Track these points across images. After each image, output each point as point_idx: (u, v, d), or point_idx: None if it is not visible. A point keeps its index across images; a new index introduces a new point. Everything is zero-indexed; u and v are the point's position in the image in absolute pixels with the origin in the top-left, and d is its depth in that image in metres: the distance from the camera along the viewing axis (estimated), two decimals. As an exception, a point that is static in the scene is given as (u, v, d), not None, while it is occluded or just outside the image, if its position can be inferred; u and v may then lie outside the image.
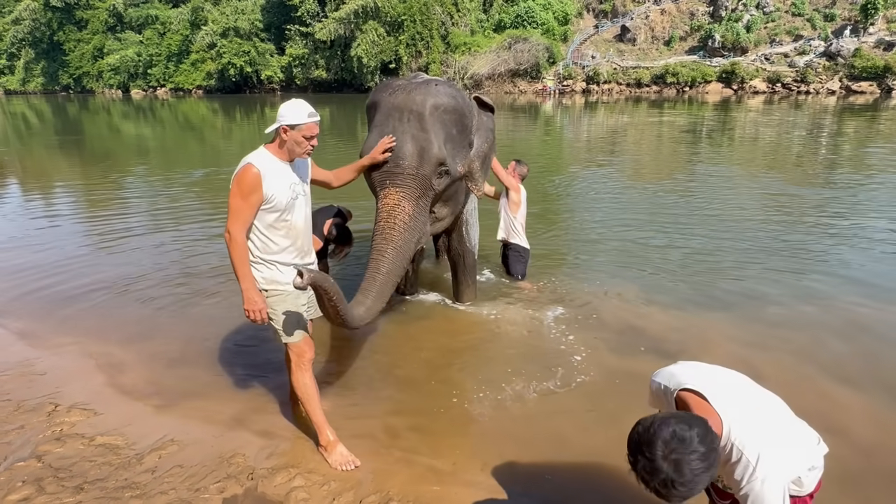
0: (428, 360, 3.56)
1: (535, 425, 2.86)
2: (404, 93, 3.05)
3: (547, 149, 13.95)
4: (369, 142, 3.05)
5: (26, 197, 8.99)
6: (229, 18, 42.35)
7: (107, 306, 4.42)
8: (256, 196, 2.31)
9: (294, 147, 2.36)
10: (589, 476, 2.50)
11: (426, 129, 2.99)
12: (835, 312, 4.04)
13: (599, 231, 6.26)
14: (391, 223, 2.88)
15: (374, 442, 2.72)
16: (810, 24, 34.14)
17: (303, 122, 2.31)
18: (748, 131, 16.04)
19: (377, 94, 3.21)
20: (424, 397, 3.13)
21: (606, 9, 39.76)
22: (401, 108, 3.01)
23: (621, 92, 35.14)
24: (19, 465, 2.52)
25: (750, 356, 3.40)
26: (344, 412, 2.92)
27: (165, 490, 2.36)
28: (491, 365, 3.48)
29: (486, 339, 3.85)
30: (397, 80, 3.27)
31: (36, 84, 56.16)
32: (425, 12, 36.64)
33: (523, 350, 3.64)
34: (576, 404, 3.02)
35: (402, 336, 3.88)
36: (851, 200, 7.32)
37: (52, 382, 3.27)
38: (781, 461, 1.43)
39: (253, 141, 17.19)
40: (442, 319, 4.12)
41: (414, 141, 2.97)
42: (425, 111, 3.00)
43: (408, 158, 2.95)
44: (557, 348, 3.61)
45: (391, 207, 2.91)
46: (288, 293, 2.47)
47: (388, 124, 3.01)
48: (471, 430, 2.87)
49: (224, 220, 2.40)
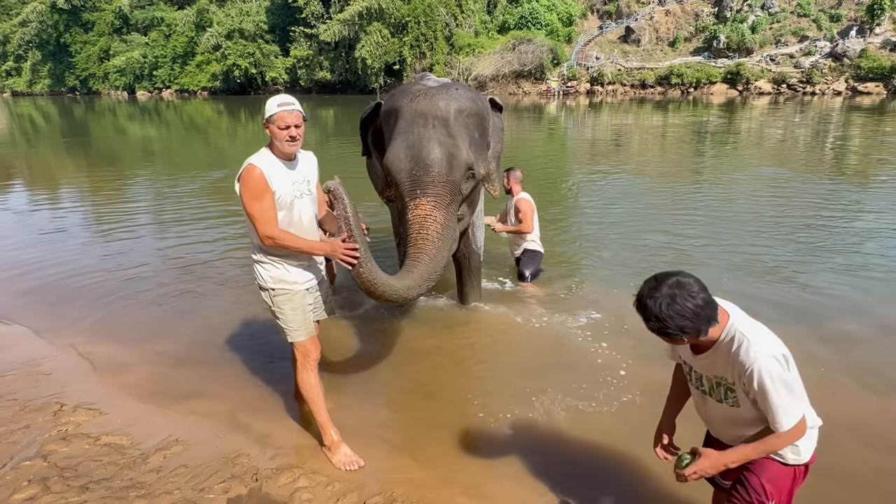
0: (441, 364, 3.55)
1: (557, 440, 2.79)
2: (426, 98, 2.99)
3: (551, 149, 13.93)
4: (394, 150, 2.96)
5: (32, 197, 9.04)
6: (234, 20, 42.50)
7: (112, 306, 4.44)
8: (268, 193, 2.30)
9: (276, 141, 2.33)
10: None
11: (452, 134, 2.96)
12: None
13: (619, 231, 6.21)
14: (424, 234, 2.82)
15: (378, 444, 2.72)
16: (816, 24, 33.97)
17: (273, 112, 2.30)
18: (771, 131, 15.97)
19: (396, 101, 3.11)
20: (436, 402, 3.12)
21: (611, 10, 39.67)
22: (424, 113, 2.95)
23: (625, 93, 35.07)
24: (25, 465, 2.53)
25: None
26: (349, 412, 2.92)
27: (170, 490, 2.36)
28: (511, 371, 3.45)
29: (509, 342, 3.78)
30: (413, 84, 3.21)
31: (42, 86, 56.50)
32: (429, 14, 36.65)
33: (550, 359, 3.54)
34: (615, 426, 2.82)
35: (418, 339, 3.86)
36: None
37: (57, 382, 3.28)
38: (780, 343, 1.54)
39: (258, 142, 17.18)
40: (461, 323, 4.08)
41: (442, 147, 2.92)
42: (450, 116, 2.97)
43: (437, 166, 2.89)
44: (592, 360, 3.45)
45: (423, 218, 2.85)
46: (294, 292, 2.48)
47: (412, 131, 2.94)
48: (481, 436, 2.85)
49: (230, 222, 2.40)
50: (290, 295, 2.47)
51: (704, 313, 1.49)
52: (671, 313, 1.47)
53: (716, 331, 1.55)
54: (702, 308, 1.48)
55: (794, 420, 1.51)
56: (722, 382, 1.61)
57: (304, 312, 2.52)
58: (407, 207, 2.92)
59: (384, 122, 3.22)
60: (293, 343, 2.54)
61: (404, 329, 3.99)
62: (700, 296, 1.49)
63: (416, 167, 2.89)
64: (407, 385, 3.31)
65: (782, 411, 1.49)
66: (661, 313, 1.48)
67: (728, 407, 1.63)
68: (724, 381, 1.60)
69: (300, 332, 2.51)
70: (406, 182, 2.91)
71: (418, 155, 2.90)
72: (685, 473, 1.61)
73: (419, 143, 2.92)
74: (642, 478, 2.45)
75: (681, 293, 1.48)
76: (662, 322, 1.49)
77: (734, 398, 1.60)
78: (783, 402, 1.49)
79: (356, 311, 4.24)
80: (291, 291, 2.47)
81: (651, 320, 1.52)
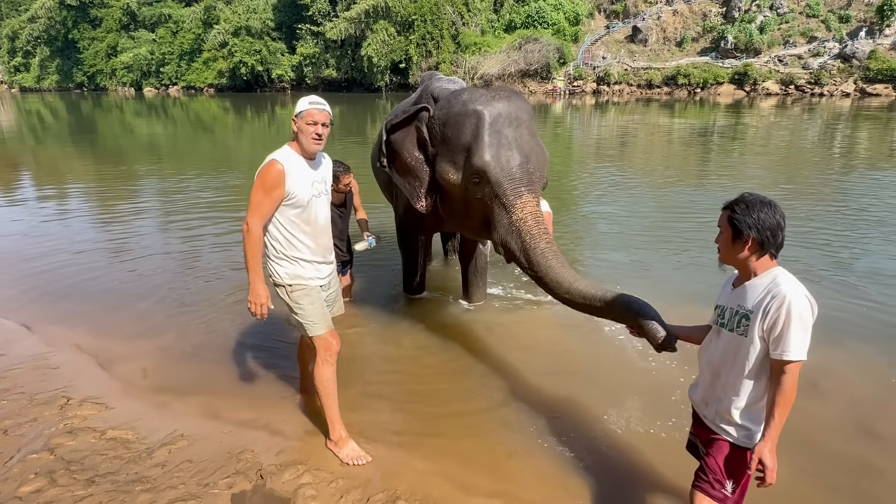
0: (445, 361, 3.56)
1: (562, 438, 2.80)
2: (501, 101, 3.06)
3: (557, 149, 13.90)
4: (492, 151, 2.94)
5: (40, 194, 9.10)
6: (241, 17, 42.59)
7: (119, 302, 4.47)
8: (279, 192, 2.35)
9: (302, 137, 2.39)
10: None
11: (534, 133, 3.12)
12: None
13: (619, 232, 6.21)
14: (543, 227, 2.87)
15: (382, 441, 2.73)
16: (825, 25, 33.72)
17: (304, 109, 2.38)
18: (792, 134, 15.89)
19: (462, 106, 3.08)
20: (440, 399, 3.13)
21: (618, 9, 39.51)
22: (509, 116, 3.03)
23: (632, 93, 34.93)
24: (32, 458, 2.55)
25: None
26: (353, 410, 2.91)
27: (175, 485, 2.38)
28: (517, 369, 3.45)
29: (514, 341, 3.76)
30: (472, 90, 3.19)
31: (51, 82, 56.76)
32: (436, 12, 36.61)
33: (556, 358, 3.53)
34: (628, 425, 2.78)
35: (422, 337, 3.86)
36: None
37: (64, 376, 3.31)
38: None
39: (263, 139, 17.30)
40: (466, 321, 4.09)
41: (539, 147, 3.08)
42: (530, 118, 3.12)
43: (536, 164, 3.01)
44: (600, 358, 3.45)
45: (537, 214, 2.91)
46: (311, 287, 2.52)
47: (503, 133, 3.00)
48: (485, 433, 2.86)
49: (237, 219, 2.42)
50: (307, 290, 2.50)
51: (764, 231, 1.66)
52: (752, 213, 1.66)
53: (768, 264, 1.70)
54: (765, 227, 1.66)
55: (801, 354, 1.60)
56: (740, 311, 1.73)
57: (322, 306, 2.56)
58: (512, 207, 2.91)
59: (445, 128, 3.16)
60: (313, 337, 2.54)
61: (408, 327, 3.99)
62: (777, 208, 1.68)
63: (519, 167, 2.94)
64: (410, 383, 3.31)
65: (796, 342, 1.60)
66: (750, 208, 1.66)
67: (736, 336, 1.74)
68: (744, 308, 1.71)
69: (320, 325, 2.53)
70: (507, 181, 2.93)
71: (519, 155, 2.96)
72: (767, 480, 1.66)
73: (517, 144, 2.99)
74: (646, 462, 2.45)
75: (767, 205, 1.67)
76: (761, 222, 1.65)
77: (746, 326, 1.70)
78: (798, 336, 1.60)
79: (361, 310, 4.25)
80: (308, 286, 2.51)
81: (736, 205, 1.70)
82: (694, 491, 1.85)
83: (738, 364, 1.73)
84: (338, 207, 3.83)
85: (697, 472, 1.88)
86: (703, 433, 1.89)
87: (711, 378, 1.84)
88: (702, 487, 1.82)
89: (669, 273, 4.84)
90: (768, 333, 1.64)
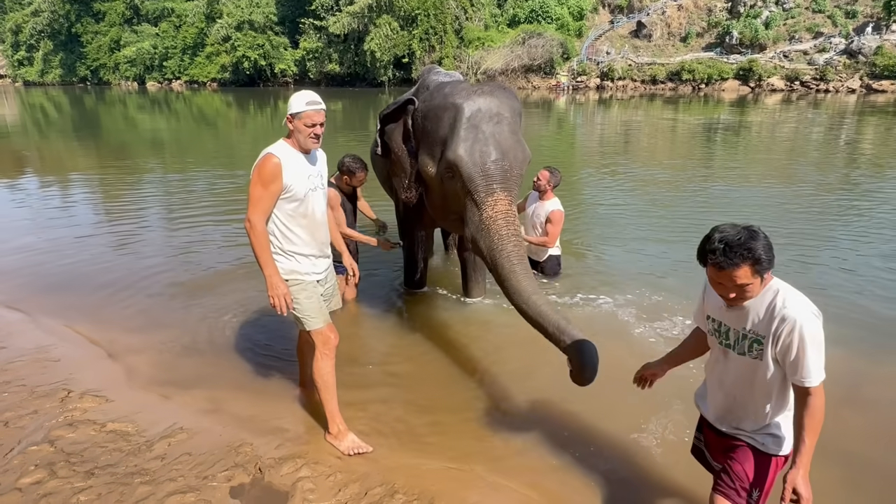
0: (443, 357, 3.56)
1: (561, 435, 2.80)
2: (484, 96, 3.01)
3: (560, 144, 13.86)
4: (465, 146, 2.89)
5: (43, 187, 9.11)
6: (244, 12, 42.54)
7: (121, 295, 4.48)
8: (276, 185, 2.35)
9: (298, 136, 2.39)
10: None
11: (515, 131, 3.03)
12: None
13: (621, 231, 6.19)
14: (513, 229, 2.82)
15: (380, 436, 2.73)
16: (831, 21, 33.49)
17: (302, 110, 2.35)
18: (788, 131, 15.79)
19: (443, 99, 3.06)
20: (438, 394, 3.13)
21: (622, 4, 39.30)
22: (489, 111, 2.96)
23: (636, 88, 34.77)
24: (32, 449, 2.56)
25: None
26: (351, 405, 2.91)
27: (174, 477, 2.38)
28: (516, 365, 3.45)
29: (514, 337, 3.68)
30: (456, 83, 3.16)
31: (54, 75, 56.83)
32: (439, 7, 36.49)
33: (557, 353, 3.49)
34: (626, 419, 2.78)
35: (421, 333, 3.86)
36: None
37: (65, 369, 3.32)
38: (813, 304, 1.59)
39: (266, 134, 17.28)
40: (465, 318, 4.07)
41: (518, 144, 2.99)
42: (512, 114, 3.04)
43: (513, 161, 2.93)
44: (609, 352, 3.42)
45: (507, 213, 2.85)
46: (308, 282, 2.52)
47: (480, 128, 2.94)
48: (483, 428, 2.85)
49: (239, 213, 2.42)
50: (303, 285, 2.51)
51: (772, 252, 1.55)
52: (755, 243, 1.52)
53: (766, 279, 1.60)
54: (771, 246, 1.54)
55: (820, 375, 1.55)
56: (749, 335, 1.64)
57: (319, 301, 2.56)
58: (483, 204, 2.88)
59: (425, 121, 3.15)
60: (311, 332, 2.55)
61: (407, 323, 4.00)
62: (764, 239, 1.54)
63: (494, 163, 2.88)
64: (410, 378, 3.31)
65: (814, 365, 1.54)
66: (748, 241, 1.51)
67: (750, 360, 1.65)
68: (754, 333, 1.63)
69: (317, 319, 2.54)
70: (479, 177, 2.88)
71: (495, 151, 2.90)
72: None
73: (494, 140, 2.92)
74: (642, 460, 2.45)
75: (756, 233, 1.54)
76: (750, 250, 1.50)
77: (759, 350, 1.62)
78: (814, 358, 1.54)
79: (362, 305, 4.25)
80: (304, 281, 2.51)
81: (736, 248, 1.52)
82: (716, 496, 1.78)
83: (757, 386, 1.67)
84: (348, 198, 3.88)
85: (720, 477, 1.80)
86: (719, 441, 1.83)
87: (724, 398, 1.78)
88: (725, 493, 1.75)
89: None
90: (782, 357, 1.58)
